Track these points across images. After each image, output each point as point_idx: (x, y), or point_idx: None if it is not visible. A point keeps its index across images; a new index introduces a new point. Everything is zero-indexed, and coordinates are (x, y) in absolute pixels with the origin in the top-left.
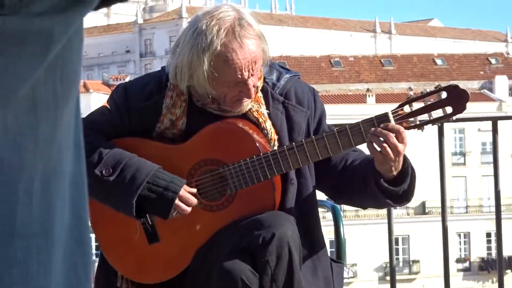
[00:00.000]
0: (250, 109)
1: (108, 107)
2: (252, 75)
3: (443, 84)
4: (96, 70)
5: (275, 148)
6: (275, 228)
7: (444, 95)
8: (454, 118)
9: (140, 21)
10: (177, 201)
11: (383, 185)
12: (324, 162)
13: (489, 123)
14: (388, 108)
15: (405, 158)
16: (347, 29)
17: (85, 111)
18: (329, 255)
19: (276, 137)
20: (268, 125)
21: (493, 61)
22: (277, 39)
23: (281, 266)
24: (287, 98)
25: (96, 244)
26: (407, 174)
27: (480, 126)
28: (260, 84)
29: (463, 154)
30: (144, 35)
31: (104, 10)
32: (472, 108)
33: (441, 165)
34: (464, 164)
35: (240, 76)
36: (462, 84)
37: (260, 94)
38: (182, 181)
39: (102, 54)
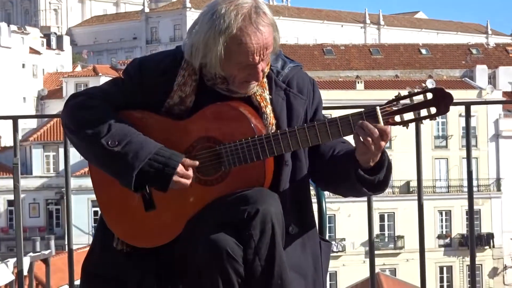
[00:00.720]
0: (254, 93)
1: (122, 78)
2: (262, 60)
3: (427, 72)
4: (105, 55)
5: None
6: (259, 204)
7: (429, 96)
8: (436, 118)
9: (147, 10)
10: (175, 177)
11: (360, 173)
12: (314, 150)
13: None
14: (375, 94)
15: (383, 151)
16: (339, 20)
17: None
18: None
19: (274, 121)
20: (268, 110)
21: (474, 51)
22: None
23: (264, 240)
24: (289, 86)
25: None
26: (383, 165)
27: (461, 112)
28: (266, 70)
29: (445, 137)
30: (150, 23)
31: None
32: (454, 95)
33: (417, 146)
34: (446, 147)
35: (251, 60)
36: (445, 73)
37: (265, 79)
38: (181, 156)
39: (111, 40)
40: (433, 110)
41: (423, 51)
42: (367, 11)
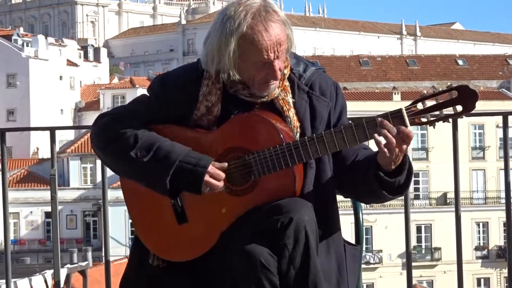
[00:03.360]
0: (277, 97)
1: (147, 95)
2: (277, 57)
3: (464, 83)
4: (142, 67)
5: (297, 135)
6: (293, 213)
7: (455, 94)
8: (463, 116)
9: (184, 22)
10: (207, 177)
11: (380, 175)
12: (336, 156)
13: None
14: None
15: (404, 154)
16: (375, 31)
17: None
18: (350, 240)
19: (298, 124)
20: (291, 113)
21: (511, 62)
22: (310, 40)
23: (298, 249)
24: (312, 89)
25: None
26: (404, 168)
27: (498, 123)
28: (287, 72)
29: (482, 148)
30: (187, 35)
31: (150, 11)
32: (491, 106)
33: (454, 156)
34: (483, 158)
35: (266, 57)
36: (482, 84)
37: (287, 83)
38: (210, 158)
39: (148, 52)
40: (459, 108)
41: (460, 62)
42: (404, 22)
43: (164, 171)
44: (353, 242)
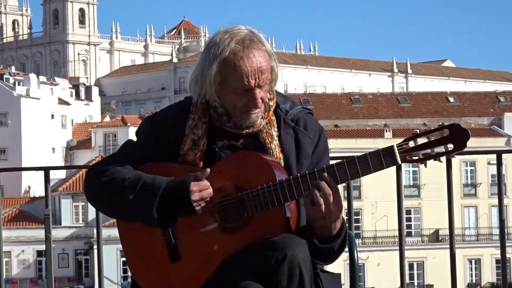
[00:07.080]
0: (261, 130)
1: (136, 137)
2: (258, 85)
3: (456, 120)
4: (134, 106)
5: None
6: (287, 249)
7: (446, 132)
8: (454, 154)
9: (175, 60)
10: (193, 187)
11: (311, 238)
12: None
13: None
14: None
15: (343, 225)
16: (367, 69)
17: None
18: (344, 278)
19: (281, 156)
20: (273, 145)
21: (502, 99)
22: (301, 78)
23: (292, 286)
24: (297, 125)
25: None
26: (338, 237)
27: (490, 160)
28: (272, 104)
29: (474, 185)
30: (179, 73)
31: (141, 50)
32: (482, 143)
33: (449, 194)
34: (475, 195)
35: (246, 83)
36: (473, 121)
37: (273, 117)
38: (188, 177)
39: (139, 91)
40: (450, 146)
41: (451, 99)
42: (395, 60)
43: (150, 203)
44: (348, 280)
